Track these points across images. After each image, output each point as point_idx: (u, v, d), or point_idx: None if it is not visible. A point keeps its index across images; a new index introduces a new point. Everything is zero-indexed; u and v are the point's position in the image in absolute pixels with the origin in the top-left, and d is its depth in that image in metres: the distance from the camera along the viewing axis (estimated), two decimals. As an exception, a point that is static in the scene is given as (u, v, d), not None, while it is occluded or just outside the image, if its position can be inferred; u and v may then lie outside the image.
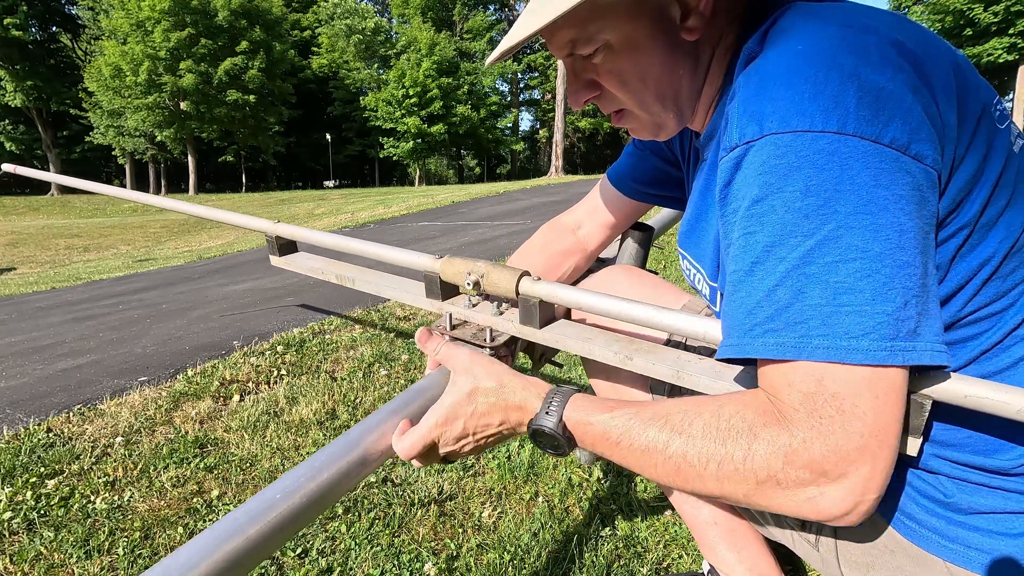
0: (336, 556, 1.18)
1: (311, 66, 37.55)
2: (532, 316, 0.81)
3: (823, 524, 0.70)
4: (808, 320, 0.48)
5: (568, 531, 1.24)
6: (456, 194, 13.98)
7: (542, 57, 38.82)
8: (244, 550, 0.53)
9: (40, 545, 1.23)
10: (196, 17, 28.41)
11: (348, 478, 0.64)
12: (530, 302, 0.80)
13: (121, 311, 3.76)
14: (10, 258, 12.64)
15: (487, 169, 47.13)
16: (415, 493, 1.39)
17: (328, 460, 0.62)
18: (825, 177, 0.48)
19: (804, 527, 0.72)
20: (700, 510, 0.91)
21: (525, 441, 1.61)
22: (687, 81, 0.67)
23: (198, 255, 8.16)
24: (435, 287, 0.92)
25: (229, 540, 0.53)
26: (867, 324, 0.46)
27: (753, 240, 0.51)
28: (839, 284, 0.47)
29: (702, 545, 0.95)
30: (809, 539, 0.72)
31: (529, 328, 0.82)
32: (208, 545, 0.52)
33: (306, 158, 41.73)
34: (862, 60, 0.49)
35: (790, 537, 0.75)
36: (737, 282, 0.53)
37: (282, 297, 3.63)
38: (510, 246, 5.16)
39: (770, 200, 0.50)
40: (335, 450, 0.64)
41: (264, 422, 1.77)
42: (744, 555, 0.90)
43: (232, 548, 0.53)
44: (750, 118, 0.52)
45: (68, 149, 37.71)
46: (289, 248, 1.33)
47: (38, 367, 2.47)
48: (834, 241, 0.47)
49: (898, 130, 0.48)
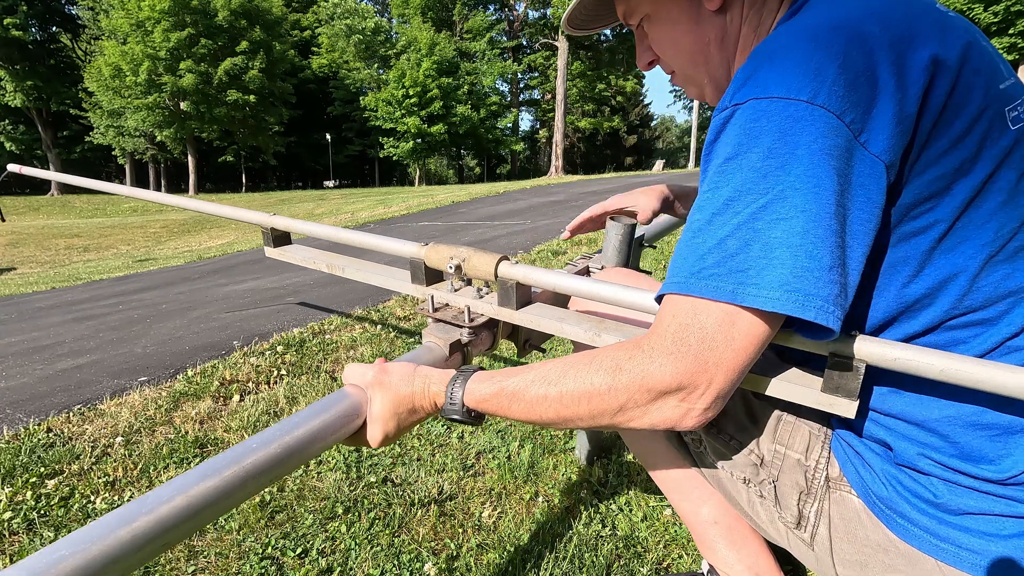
0: (336, 556, 1.18)
1: (311, 66, 37.52)
2: (509, 298, 0.86)
3: (817, 523, 0.71)
4: (747, 269, 0.53)
5: (568, 531, 1.24)
6: (456, 194, 13.97)
7: (542, 57, 38.81)
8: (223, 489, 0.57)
9: (40, 545, 1.22)
10: (196, 17, 28.38)
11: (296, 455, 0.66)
12: (508, 284, 0.85)
13: (121, 311, 3.76)
14: (10, 258, 12.64)
15: (487, 169, 47.12)
16: (415, 493, 1.39)
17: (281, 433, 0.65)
18: (787, 141, 0.52)
19: (799, 526, 0.73)
20: (700, 509, 0.92)
21: (525, 441, 1.61)
22: (715, 50, 0.72)
23: (198, 255, 8.16)
24: (420, 273, 0.97)
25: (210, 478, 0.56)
26: (785, 277, 0.51)
27: (717, 194, 0.56)
28: (775, 240, 0.52)
29: (701, 544, 0.95)
30: (804, 538, 0.73)
31: (507, 309, 0.87)
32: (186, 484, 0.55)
33: (306, 158, 41.71)
34: (854, 45, 0.53)
35: (785, 536, 0.76)
36: (696, 229, 0.57)
37: (282, 297, 3.63)
38: (510, 246, 5.16)
39: (739, 159, 0.55)
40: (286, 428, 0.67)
41: (264, 422, 1.77)
42: (744, 554, 0.90)
43: (210, 486, 0.55)
44: (741, 83, 0.57)
45: (68, 149, 37.68)
46: (284, 240, 1.39)
47: (38, 367, 2.47)
48: (781, 200, 0.52)
49: (858, 114, 0.52)
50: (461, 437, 1.67)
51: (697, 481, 0.90)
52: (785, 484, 0.73)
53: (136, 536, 0.49)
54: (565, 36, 28.31)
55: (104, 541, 0.47)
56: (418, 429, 1.71)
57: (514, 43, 40.19)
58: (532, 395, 0.64)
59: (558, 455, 1.55)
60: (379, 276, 1.11)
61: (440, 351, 0.86)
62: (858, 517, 0.68)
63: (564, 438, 1.64)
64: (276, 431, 0.64)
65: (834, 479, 0.71)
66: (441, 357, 0.85)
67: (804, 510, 0.72)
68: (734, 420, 0.78)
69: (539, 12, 37.61)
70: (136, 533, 0.49)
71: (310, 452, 0.65)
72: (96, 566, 0.46)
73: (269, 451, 0.61)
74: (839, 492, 0.70)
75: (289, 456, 0.63)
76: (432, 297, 0.94)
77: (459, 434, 1.68)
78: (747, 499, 0.78)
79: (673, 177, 14.15)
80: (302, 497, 1.38)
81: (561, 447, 1.59)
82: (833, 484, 0.71)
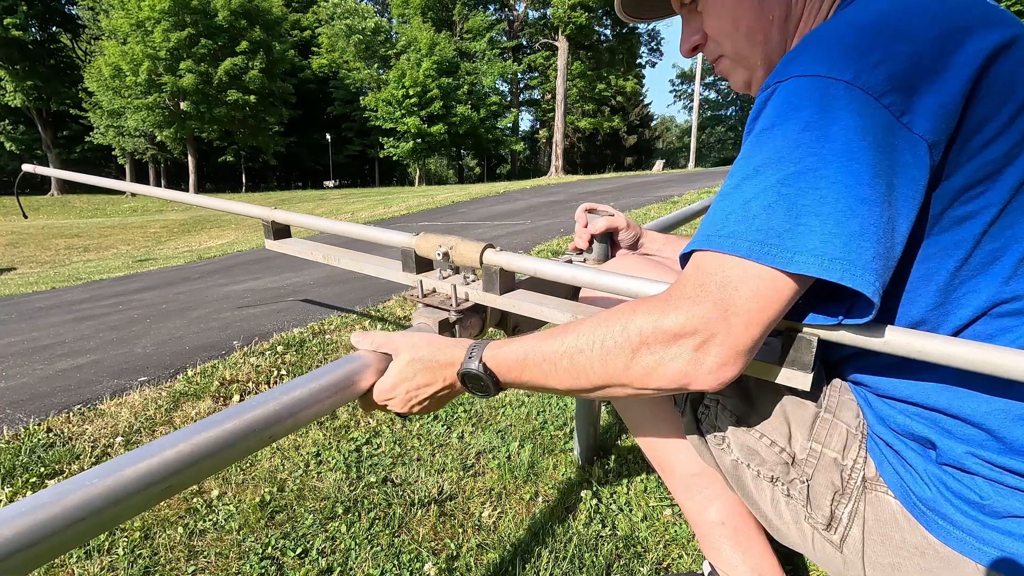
0: (336, 556, 1.18)
1: (311, 66, 37.52)
2: (493, 283, 0.90)
3: (850, 524, 0.70)
4: (774, 230, 0.53)
5: (568, 531, 1.24)
6: (456, 194, 13.97)
7: (542, 57, 38.81)
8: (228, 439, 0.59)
9: (40, 545, 1.23)
10: (196, 17, 28.37)
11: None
12: (492, 270, 0.89)
13: (121, 311, 3.76)
14: (10, 258, 12.64)
15: (487, 169, 47.12)
16: (415, 493, 1.39)
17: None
18: (825, 116, 0.53)
19: (828, 527, 0.71)
20: (707, 509, 0.90)
21: (525, 441, 1.61)
22: (776, 29, 0.72)
23: (198, 255, 8.16)
24: (411, 261, 1.01)
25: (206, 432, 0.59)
26: (813, 243, 0.52)
27: (749, 161, 0.57)
28: (805, 207, 0.53)
29: (705, 544, 0.94)
30: (832, 540, 0.71)
31: (491, 295, 0.91)
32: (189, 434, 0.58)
33: (306, 158, 41.70)
34: (903, 35, 0.54)
35: (809, 538, 0.74)
36: (726, 194, 0.58)
37: (282, 297, 3.63)
38: (509, 245, 5.16)
39: (774, 130, 0.56)
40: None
41: (264, 422, 1.77)
42: (748, 556, 0.89)
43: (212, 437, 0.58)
44: (787, 63, 0.59)
45: (68, 149, 37.68)
46: (284, 233, 1.46)
47: (38, 367, 2.47)
48: (813, 172, 0.53)
49: (900, 97, 0.53)
50: (461, 437, 1.67)
51: (708, 480, 0.89)
52: (819, 483, 0.72)
53: (141, 477, 0.52)
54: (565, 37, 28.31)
55: (110, 479, 0.51)
56: (418, 429, 1.71)
57: (514, 43, 40.18)
58: (550, 350, 0.64)
59: (558, 455, 1.55)
60: (372, 265, 1.16)
61: (429, 330, 0.89)
62: (894, 519, 0.67)
63: (564, 438, 1.64)
64: (284, 387, 0.67)
65: (870, 479, 0.69)
66: None
67: (837, 511, 0.70)
68: (765, 416, 0.77)
69: (539, 12, 37.61)
70: (141, 473, 0.52)
71: (318, 409, 0.68)
72: (99, 503, 0.49)
73: (280, 403, 0.64)
74: (875, 493, 0.69)
75: (298, 410, 0.66)
76: (421, 283, 0.98)
77: (459, 434, 1.68)
78: (770, 498, 0.77)
79: (673, 177, 14.15)
80: (302, 497, 1.38)
81: (561, 447, 1.59)
82: (869, 484, 0.69)
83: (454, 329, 0.92)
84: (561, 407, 1.83)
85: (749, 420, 0.77)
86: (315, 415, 0.68)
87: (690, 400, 0.83)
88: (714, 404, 0.80)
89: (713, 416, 0.80)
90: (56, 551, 0.47)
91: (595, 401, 1.47)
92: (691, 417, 0.82)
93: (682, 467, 0.90)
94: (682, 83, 50.64)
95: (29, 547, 0.44)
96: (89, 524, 0.48)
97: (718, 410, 0.80)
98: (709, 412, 0.81)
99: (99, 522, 0.49)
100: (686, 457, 0.89)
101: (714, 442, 0.81)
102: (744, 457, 0.78)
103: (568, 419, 1.75)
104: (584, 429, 1.48)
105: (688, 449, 0.88)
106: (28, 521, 0.45)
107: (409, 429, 1.72)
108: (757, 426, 0.77)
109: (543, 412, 1.80)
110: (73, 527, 0.47)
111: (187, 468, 0.55)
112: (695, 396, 0.82)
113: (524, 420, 1.75)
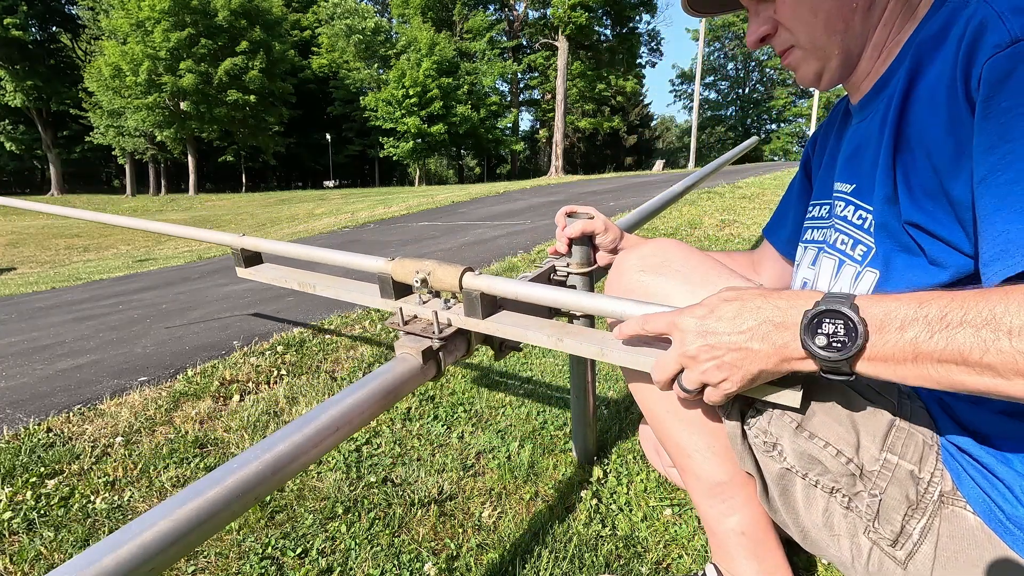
0: (336, 556, 1.18)
1: (311, 66, 37.53)
2: (475, 307, 0.88)
3: (921, 541, 0.66)
4: None
5: (568, 531, 1.24)
6: (456, 194, 13.97)
7: (542, 57, 38.80)
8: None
9: (40, 545, 1.23)
10: (196, 17, 28.39)
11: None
12: (472, 295, 0.87)
13: (121, 311, 3.76)
14: (10, 258, 12.64)
15: (487, 169, 47.12)
16: (415, 493, 1.39)
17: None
18: None
19: (895, 543, 0.67)
20: (728, 518, 0.86)
21: (525, 441, 1.61)
22: (859, 18, 0.70)
23: (198, 255, 8.15)
24: (388, 287, 0.99)
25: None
26: None
27: None
28: None
29: (718, 551, 0.90)
30: (897, 556, 0.67)
31: (473, 319, 0.89)
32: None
33: (306, 158, 41.71)
34: None
35: (864, 554, 0.70)
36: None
37: (282, 297, 3.63)
38: (509, 246, 5.16)
39: None
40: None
41: (264, 422, 1.77)
42: (764, 567, 0.86)
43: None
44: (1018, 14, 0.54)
45: (68, 149, 37.69)
46: (254, 260, 1.42)
47: (38, 367, 2.47)
48: None
49: None
50: (461, 437, 1.67)
51: (735, 489, 0.84)
52: (893, 497, 0.67)
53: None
54: (565, 37, 28.30)
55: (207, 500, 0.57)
56: (418, 429, 1.72)
57: (514, 43, 40.18)
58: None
59: (558, 455, 1.55)
60: (349, 292, 1.13)
61: (414, 360, 0.86)
62: (972, 536, 0.63)
63: (564, 438, 1.64)
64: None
65: (947, 494, 0.66)
66: (416, 366, 0.86)
67: (908, 526, 0.66)
68: (829, 424, 0.72)
69: (539, 12, 37.60)
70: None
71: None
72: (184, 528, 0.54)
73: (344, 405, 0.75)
74: (952, 508, 0.65)
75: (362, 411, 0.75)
76: (401, 310, 0.95)
77: (459, 434, 1.68)
78: (823, 509, 0.72)
79: (673, 177, 14.15)
80: (302, 497, 1.38)
81: (561, 447, 1.59)
82: (946, 499, 0.66)
83: (438, 356, 0.90)
84: (561, 407, 1.83)
85: (811, 427, 0.72)
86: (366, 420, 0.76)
87: (739, 404, 0.78)
88: (768, 409, 0.75)
89: (766, 422, 0.75)
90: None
91: (593, 400, 1.47)
92: (737, 421, 0.77)
93: (709, 473, 0.85)
94: (682, 83, 50.64)
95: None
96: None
97: (773, 415, 0.75)
98: (761, 417, 0.76)
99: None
100: (715, 462, 0.84)
101: (763, 449, 0.76)
102: (801, 466, 0.73)
103: (568, 419, 1.75)
104: (583, 429, 1.48)
105: (717, 454, 0.83)
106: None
107: (409, 429, 1.72)
108: (820, 434, 0.71)
109: (543, 412, 1.80)
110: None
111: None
112: (744, 400, 0.77)
113: (524, 420, 1.75)
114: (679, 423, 0.86)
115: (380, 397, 0.79)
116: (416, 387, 0.88)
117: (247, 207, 22.24)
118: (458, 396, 1.93)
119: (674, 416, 0.86)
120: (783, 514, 0.77)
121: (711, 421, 0.83)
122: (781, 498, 0.76)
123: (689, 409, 0.83)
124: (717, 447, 0.83)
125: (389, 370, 0.83)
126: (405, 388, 0.84)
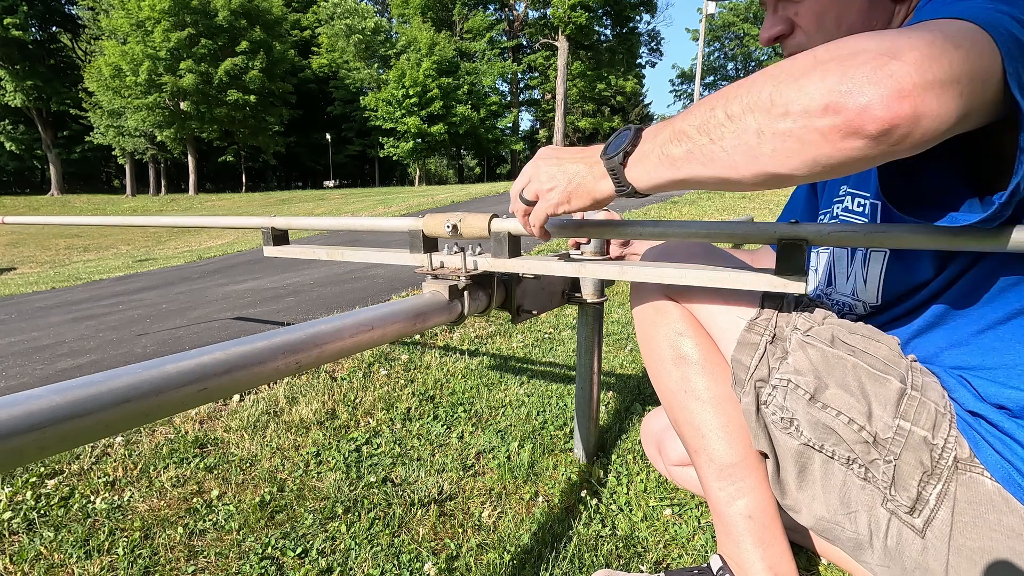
0: (336, 556, 1.18)
1: (311, 66, 37.53)
2: (502, 249, 0.95)
3: (938, 506, 0.67)
4: None
5: (568, 531, 1.24)
6: (456, 194, 13.97)
7: (542, 57, 38.81)
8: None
9: (40, 545, 1.22)
10: (196, 17, 28.39)
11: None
12: (500, 236, 0.94)
13: (121, 311, 3.76)
14: (10, 258, 12.64)
15: (487, 169, 47.10)
16: (415, 493, 1.39)
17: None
18: None
19: (912, 510, 0.68)
20: (737, 501, 0.87)
21: (525, 441, 1.61)
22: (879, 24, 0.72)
23: (198, 255, 8.15)
24: (419, 242, 1.07)
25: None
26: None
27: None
28: None
29: (724, 536, 0.91)
30: (914, 524, 0.68)
31: (500, 259, 0.96)
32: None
33: (306, 158, 41.71)
34: None
35: (883, 529, 0.70)
36: None
37: (282, 296, 3.63)
38: (510, 246, 5.15)
39: None
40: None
41: (264, 422, 1.77)
42: (768, 553, 0.87)
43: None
44: None
45: (68, 149, 37.67)
46: (283, 239, 1.48)
47: (38, 367, 2.47)
48: None
49: None
50: (461, 437, 1.67)
51: (746, 471, 0.86)
52: (907, 463, 0.68)
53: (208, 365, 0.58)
54: (565, 37, 28.32)
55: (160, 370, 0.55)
56: (418, 429, 1.71)
57: (514, 43, 40.19)
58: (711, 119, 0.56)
59: (558, 455, 1.55)
60: (378, 253, 1.19)
61: (441, 296, 0.93)
62: (990, 500, 0.64)
63: (564, 438, 1.64)
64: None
65: (963, 460, 0.67)
66: (443, 300, 0.93)
67: (924, 492, 0.67)
68: (841, 394, 0.73)
69: (539, 12, 37.61)
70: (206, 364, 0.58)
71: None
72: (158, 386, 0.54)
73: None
74: (968, 474, 0.66)
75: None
76: (430, 258, 1.04)
77: (459, 434, 1.68)
78: (840, 484, 0.73)
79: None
80: (302, 497, 1.38)
81: (561, 447, 1.59)
82: (962, 465, 0.66)
83: (463, 296, 0.96)
84: (561, 407, 1.83)
85: (824, 399, 0.74)
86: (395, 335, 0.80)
87: (755, 380, 0.79)
88: (783, 384, 0.76)
89: (781, 397, 0.76)
90: (101, 430, 0.50)
91: (595, 400, 1.47)
92: (753, 398, 0.79)
93: (722, 453, 0.86)
94: (682, 83, 50.67)
95: (81, 416, 0.48)
96: (135, 408, 0.52)
97: (788, 390, 0.76)
98: (776, 393, 0.77)
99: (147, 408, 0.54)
100: (728, 442, 0.86)
101: (780, 426, 0.77)
102: (817, 438, 0.74)
103: (568, 419, 1.75)
104: (584, 429, 1.48)
105: (731, 434, 0.85)
106: (79, 395, 0.48)
107: (409, 429, 1.72)
108: (833, 404, 0.73)
109: (543, 412, 1.80)
110: (120, 407, 0.51)
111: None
112: (760, 376, 0.79)
113: (524, 420, 1.75)
114: (696, 402, 0.88)
115: (410, 316, 0.85)
116: (441, 323, 0.93)
117: (247, 207, 22.24)
118: (458, 396, 1.93)
119: (691, 396, 0.88)
120: (796, 496, 0.78)
121: (726, 400, 0.85)
122: (798, 477, 0.77)
123: (712, 383, 0.87)
124: (731, 427, 0.86)
125: (419, 298, 0.90)
126: (431, 318, 0.90)
